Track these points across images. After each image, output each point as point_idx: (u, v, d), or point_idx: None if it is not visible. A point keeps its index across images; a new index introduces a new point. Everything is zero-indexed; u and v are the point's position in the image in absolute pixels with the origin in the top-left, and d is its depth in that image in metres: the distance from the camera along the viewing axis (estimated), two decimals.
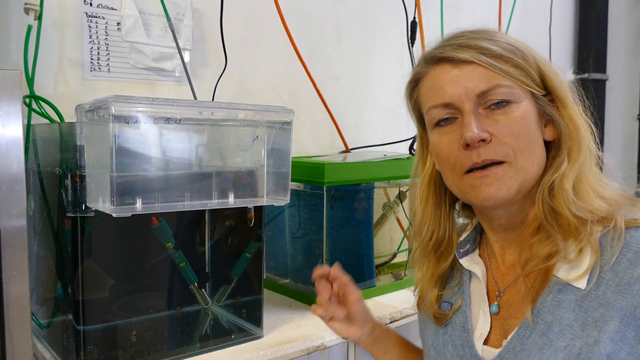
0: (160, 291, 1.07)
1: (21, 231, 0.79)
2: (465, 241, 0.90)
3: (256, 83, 1.60)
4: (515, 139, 0.76)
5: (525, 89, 0.77)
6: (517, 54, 0.77)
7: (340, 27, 1.81)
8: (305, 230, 1.40)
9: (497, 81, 0.76)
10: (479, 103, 0.77)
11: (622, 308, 0.68)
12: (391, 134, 1.90)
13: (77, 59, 1.26)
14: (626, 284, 0.69)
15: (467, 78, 0.77)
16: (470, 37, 0.79)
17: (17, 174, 0.78)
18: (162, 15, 1.33)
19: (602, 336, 0.69)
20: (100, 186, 0.84)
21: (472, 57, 0.77)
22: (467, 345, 0.83)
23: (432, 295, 0.90)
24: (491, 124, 0.76)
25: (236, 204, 0.98)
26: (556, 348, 0.72)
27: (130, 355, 1.01)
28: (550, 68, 0.80)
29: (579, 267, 0.73)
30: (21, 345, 0.80)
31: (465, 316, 0.86)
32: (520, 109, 0.76)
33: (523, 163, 0.76)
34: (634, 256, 0.70)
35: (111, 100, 0.78)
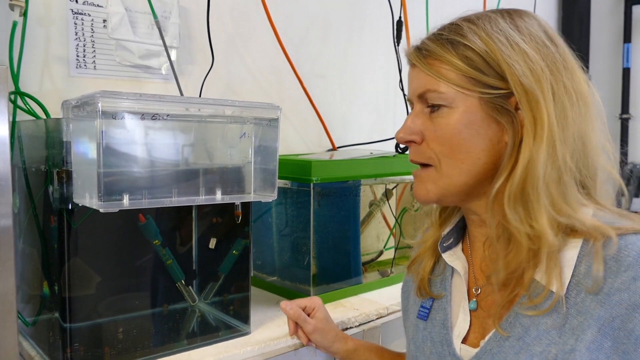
0: (147, 288, 1.07)
1: (7, 228, 0.79)
2: (448, 235, 0.89)
3: (243, 81, 1.60)
4: (439, 144, 0.77)
5: (466, 93, 0.74)
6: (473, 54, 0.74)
7: (327, 26, 1.82)
8: (292, 227, 1.40)
9: (429, 86, 0.76)
10: (423, 104, 0.79)
11: (600, 317, 0.68)
12: (377, 133, 1.91)
13: (62, 56, 1.26)
14: (606, 294, 0.68)
15: (414, 79, 0.80)
16: (435, 34, 0.79)
17: (3, 172, 0.78)
18: (149, 13, 1.33)
19: (579, 344, 0.68)
20: (87, 182, 0.84)
21: (414, 60, 0.79)
22: (445, 343, 0.83)
23: (426, 265, 0.90)
24: (426, 126, 0.78)
25: (224, 200, 0.98)
26: (532, 353, 0.71)
27: (117, 352, 1.00)
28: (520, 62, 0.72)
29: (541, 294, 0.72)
30: (7, 342, 0.80)
31: (445, 313, 0.85)
32: (451, 114, 0.75)
33: (446, 169, 0.77)
34: (615, 265, 0.68)
35: (98, 96, 0.78)
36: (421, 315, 0.89)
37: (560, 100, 0.73)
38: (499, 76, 0.73)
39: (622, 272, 0.67)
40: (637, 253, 0.67)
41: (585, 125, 0.75)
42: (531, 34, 0.75)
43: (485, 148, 0.75)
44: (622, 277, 0.67)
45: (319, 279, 1.36)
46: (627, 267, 0.67)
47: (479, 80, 0.74)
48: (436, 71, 0.75)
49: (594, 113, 0.76)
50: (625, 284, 0.66)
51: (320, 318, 1.08)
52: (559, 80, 0.73)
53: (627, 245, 0.68)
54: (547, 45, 0.75)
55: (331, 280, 1.39)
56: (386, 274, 1.55)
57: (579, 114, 0.74)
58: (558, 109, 0.72)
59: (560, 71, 0.74)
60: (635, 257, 0.67)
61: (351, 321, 1.23)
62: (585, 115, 0.75)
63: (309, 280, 1.33)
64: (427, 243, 0.91)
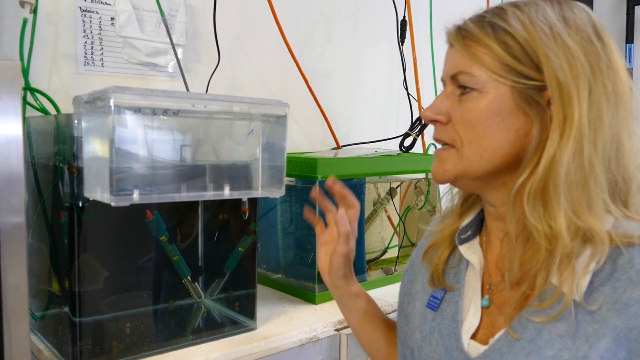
0: (154, 284, 1.08)
1: (20, 224, 0.79)
2: (466, 227, 0.86)
3: (248, 79, 1.61)
4: (464, 127, 0.75)
5: (499, 79, 0.72)
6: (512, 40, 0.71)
7: (331, 25, 1.83)
8: (297, 225, 1.41)
9: (463, 67, 0.74)
10: (454, 85, 0.77)
11: (616, 327, 0.66)
12: (381, 132, 1.92)
13: (71, 53, 1.27)
14: (624, 304, 0.66)
15: (449, 59, 0.78)
16: (479, 15, 0.76)
17: (16, 168, 0.79)
18: (156, 11, 1.34)
19: (592, 352, 0.67)
20: (98, 177, 0.85)
21: (452, 39, 0.76)
22: (453, 337, 0.81)
23: (442, 254, 0.87)
24: (454, 108, 0.76)
25: (232, 196, 0.99)
26: (543, 356, 0.69)
27: (125, 346, 1.01)
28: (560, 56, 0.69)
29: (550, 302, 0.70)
30: (19, 334, 0.80)
31: (456, 306, 0.83)
32: (480, 99, 0.73)
33: (468, 154, 0.75)
34: (635, 275, 0.66)
35: (110, 91, 0.79)
36: (431, 305, 0.87)
37: (596, 100, 0.69)
38: (535, 67, 0.70)
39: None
40: None
41: (622, 129, 0.71)
42: (578, 27, 0.72)
43: (510, 139, 0.73)
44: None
45: None
46: None
47: (514, 68, 0.71)
48: (472, 53, 0.73)
49: (632, 118, 0.73)
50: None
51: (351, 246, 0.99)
52: (599, 79, 0.70)
53: None
54: (593, 42, 0.71)
55: None
56: (390, 272, 1.56)
57: (615, 117, 0.70)
58: (593, 109, 0.69)
59: (602, 70, 0.70)
60: None
61: None
62: (623, 119, 0.71)
63: (314, 278, 1.34)
64: (445, 231, 0.88)
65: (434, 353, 0.83)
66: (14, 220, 0.79)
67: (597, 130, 0.69)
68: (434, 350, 0.83)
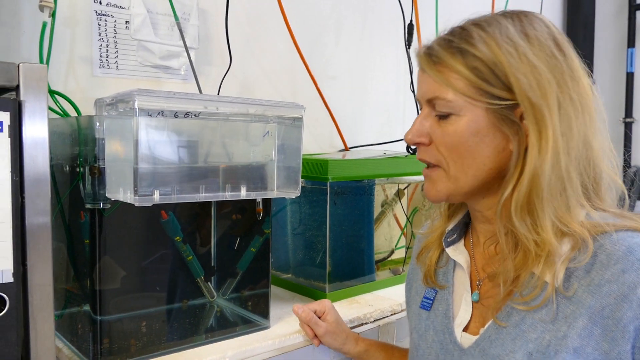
0: (168, 284, 1.10)
1: (46, 224, 0.81)
2: (452, 230, 0.93)
3: (259, 81, 1.63)
4: (447, 149, 0.80)
5: (473, 102, 0.76)
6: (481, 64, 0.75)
7: (340, 28, 1.85)
8: (307, 226, 1.43)
9: (438, 93, 0.78)
10: (431, 107, 0.81)
11: (591, 307, 0.72)
12: (388, 134, 1.94)
13: (86, 56, 1.29)
14: (596, 285, 0.73)
15: (423, 83, 0.82)
16: (446, 39, 0.80)
17: (43, 170, 0.80)
18: (169, 15, 1.36)
19: (571, 331, 0.73)
20: (121, 178, 0.87)
21: (425, 65, 0.80)
22: (447, 332, 0.88)
23: (433, 255, 0.94)
24: (434, 130, 0.81)
25: (249, 197, 1.01)
26: (527, 339, 0.76)
27: (143, 344, 1.03)
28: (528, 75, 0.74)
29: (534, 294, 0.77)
30: (44, 332, 0.82)
31: (447, 304, 0.90)
32: (458, 122, 0.78)
33: (454, 172, 0.80)
34: (605, 259, 0.73)
35: (135, 94, 0.81)
36: (424, 305, 0.94)
37: (565, 112, 0.75)
38: (506, 88, 0.75)
39: (612, 265, 0.72)
40: (626, 248, 0.73)
41: (589, 133, 0.77)
42: (540, 43, 0.76)
43: (490, 155, 0.78)
44: (612, 269, 0.72)
45: (334, 276, 1.38)
46: (616, 261, 0.72)
47: (486, 91, 0.76)
48: (445, 79, 0.77)
49: (597, 120, 0.79)
50: (615, 276, 0.72)
51: (331, 321, 1.11)
52: (565, 92, 0.75)
53: (618, 241, 0.74)
54: (556, 56, 0.76)
55: (345, 277, 1.42)
56: (398, 272, 1.58)
57: (583, 123, 0.76)
58: (563, 121, 0.75)
59: (567, 83, 0.76)
60: (625, 252, 0.72)
61: (367, 317, 1.26)
62: (590, 123, 0.77)
63: (324, 278, 1.36)
64: (435, 234, 0.96)
65: (430, 349, 0.90)
66: (40, 221, 0.81)
67: (569, 139, 0.75)
68: (430, 347, 0.90)
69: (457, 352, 0.85)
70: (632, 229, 0.75)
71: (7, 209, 0.77)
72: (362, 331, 1.21)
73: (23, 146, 0.78)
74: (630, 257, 0.72)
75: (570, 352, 0.72)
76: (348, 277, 1.43)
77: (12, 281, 0.77)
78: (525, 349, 0.76)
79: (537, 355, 0.75)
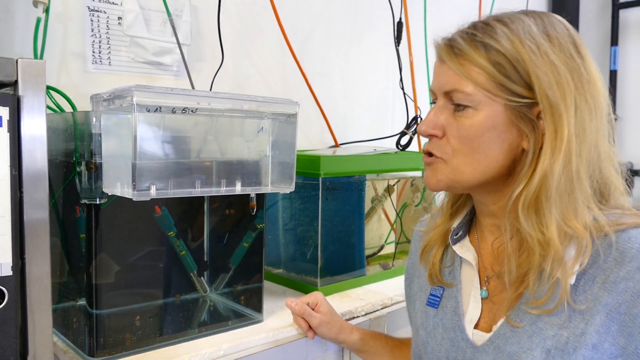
0: (161, 278, 1.11)
1: (44, 218, 0.82)
2: (458, 227, 0.93)
3: (250, 78, 1.64)
4: (458, 142, 0.79)
5: (492, 97, 0.77)
6: (504, 60, 0.76)
7: (331, 26, 1.86)
8: (298, 221, 1.44)
9: (457, 85, 0.78)
10: (447, 100, 0.81)
11: (607, 304, 0.74)
12: (378, 130, 1.97)
13: (79, 52, 1.29)
14: (612, 282, 0.74)
15: (441, 75, 0.81)
16: (468, 32, 0.79)
17: (41, 165, 0.81)
18: (162, 11, 1.37)
19: (589, 328, 0.74)
20: (119, 172, 0.88)
21: (446, 56, 0.80)
22: (458, 329, 0.87)
23: (436, 253, 0.94)
24: (448, 122, 0.80)
25: (244, 192, 1.03)
26: (545, 336, 0.76)
27: (138, 338, 1.04)
28: (548, 74, 0.75)
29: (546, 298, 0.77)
30: (42, 325, 0.83)
31: (456, 301, 0.89)
32: (475, 116, 0.78)
33: (457, 164, 0.80)
34: (619, 256, 0.74)
35: (134, 90, 0.82)
36: (431, 302, 0.93)
37: (580, 114, 0.76)
38: (526, 85, 0.76)
39: (627, 263, 0.73)
40: (639, 245, 0.74)
41: (599, 136, 0.78)
42: (560, 44, 0.77)
43: (504, 152, 0.79)
44: (627, 267, 0.73)
45: (325, 270, 1.40)
46: (631, 258, 0.73)
47: (507, 87, 0.76)
48: (466, 72, 0.77)
49: (607, 125, 0.79)
50: (630, 273, 0.73)
51: (324, 312, 1.12)
52: (582, 94, 0.76)
53: (630, 239, 0.75)
54: (574, 58, 0.77)
55: (337, 272, 1.44)
56: (388, 267, 1.60)
57: (595, 127, 0.77)
58: (578, 122, 0.75)
59: (584, 85, 0.76)
60: (638, 249, 0.74)
61: (358, 310, 1.28)
62: (600, 127, 0.78)
63: (316, 272, 1.38)
64: (437, 231, 0.95)
65: (440, 347, 0.89)
66: (38, 215, 0.81)
67: (582, 142, 0.76)
68: (440, 344, 0.89)
69: (469, 349, 0.84)
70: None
71: (6, 203, 0.77)
72: (354, 324, 1.23)
73: (22, 141, 0.79)
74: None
75: (589, 348, 0.73)
76: (339, 271, 1.45)
77: (10, 274, 0.78)
78: (543, 346, 0.76)
79: (555, 352, 0.75)
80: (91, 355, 0.97)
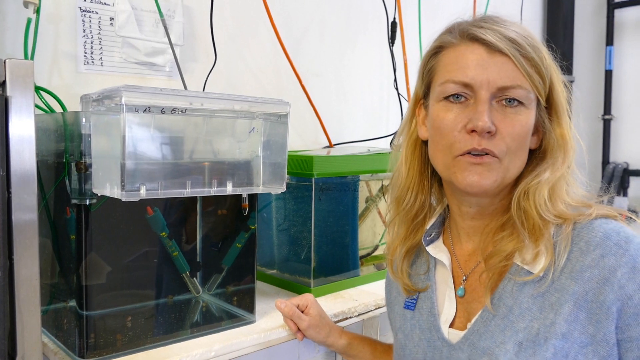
0: (153, 279, 1.10)
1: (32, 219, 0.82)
2: (431, 229, 0.94)
3: (243, 78, 1.64)
4: (512, 140, 0.80)
5: (537, 97, 0.81)
6: (542, 60, 0.81)
7: (324, 26, 1.86)
8: (292, 221, 1.44)
9: (520, 82, 0.79)
10: (495, 95, 0.79)
11: (575, 293, 0.76)
12: (371, 131, 1.97)
13: (71, 53, 1.29)
14: (578, 271, 0.76)
15: (496, 68, 0.78)
16: (508, 27, 0.80)
17: (29, 166, 0.81)
18: (154, 12, 1.36)
19: (558, 318, 0.76)
20: (108, 173, 0.87)
21: (507, 50, 0.78)
22: (434, 329, 0.89)
23: (402, 266, 0.95)
24: (499, 119, 0.79)
25: (235, 192, 1.02)
26: (516, 329, 0.78)
27: (129, 339, 1.04)
28: (560, 79, 0.83)
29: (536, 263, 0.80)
30: (30, 325, 0.83)
31: (432, 302, 0.91)
32: (526, 113, 0.81)
33: (507, 163, 0.81)
34: (584, 245, 0.77)
35: (122, 90, 0.82)
36: (408, 305, 0.95)
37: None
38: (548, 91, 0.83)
39: (591, 251, 0.77)
40: (603, 234, 0.77)
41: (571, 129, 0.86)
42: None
43: (528, 148, 0.84)
44: (591, 255, 0.76)
45: (319, 271, 1.40)
46: (595, 247, 0.77)
47: (542, 90, 0.82)
48: (528, 70, 0.79)
49: None
50: (595, 261, 0.76)
51: (314, 314, 1.12)
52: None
53: (594, 228, 0.78)
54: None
55: (330, 272, 1.44)
56: (382, 267, 1.60)
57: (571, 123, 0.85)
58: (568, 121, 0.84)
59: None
60: (602, 238, 0.77)
61: (351, 311, 1.27)
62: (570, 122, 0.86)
63: (309, 273, 1.37)
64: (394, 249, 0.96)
65: (417, 348, 0.91)
66: (27, 216, 0.81)
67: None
68: (417, 345, 0.91)
69: (445, 348, 0.86)
70: (605, 216, 0.80)
71: None
72: (346, 325, 1.23)
73: (10, 142, 0.78)
74: (608, 242, 0.76)
75: (559, 338, 0.75)
76: (333, 272, 1.44)
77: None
78: (515, 339, 0.78)
79: (527, 344, 0.77)
80: (81, 356, 0.97)
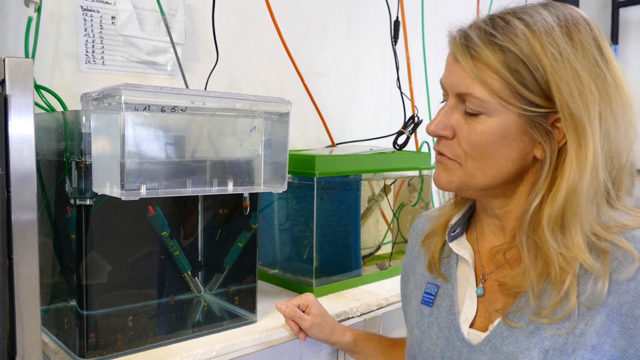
0: (155, 279, 1.10)
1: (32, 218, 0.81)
2: (455, 224, 0.91)
3: (246, 77, 1.63)
4: (470, 146, 0.77)
5: (507, 106, 0.73)
6: (522, 67, 0.72)
7: (326, 25, 1.85)
8: (294, 221, 1.44)
9: (471, 89, 0.75)
10: (459, 100, 0.77)
11: (609, 305, 0.72)
12: (374, 130, 1.96)
13: (72, 52, 1.28)
14: (614, 283, 0.72)
15: (454, 74, 0.77)
16: (487, 32, 0.74)
17: (29, 165, 0.80)
18: (156, 10, 1.36)
19: (589, 329, 0.72)
20: (108, 172, 0.87)
21: (461, 56, 0.75)
22: (453, 328, 0.85)
23: (437, 241, 0.92)
24: (459, 125, 0.78)
25: (236, 191, 1.02)
26: (543, 336, 0.75)
27: (129, 339, 1.03)
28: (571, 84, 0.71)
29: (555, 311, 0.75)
30: (30, 325, 0.82)
31: (452, 299, 0.88)
32: (487, 122, 0.75)
33: (471, 169, 0.78)
34: (622, 256, 0.73)
35: (122, 89, 0.82)
36: (425, 301, 0.92)
37: (605, 124, 0.72)
38: (544, 95, 0.72)
39: (630, 264, 0.72)
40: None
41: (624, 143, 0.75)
42: (584, 49, 0.73)
43: (514, 159, 0.76)
44: (629, 268, 0.72)
45: (321, 271, 1.39)
46: (634, 259, 0.72)
47: (523, 96, 0.72)
48: (482, 76, 0.73)
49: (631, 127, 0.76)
50: (633, 274, 0.72)
51: (315, 313, 1.11)
52: (607, 102, 0.72)
53: (634, 238, 0.73)
54: (599, 64, 0.73)
55: (332, 272, 1.43)
56: (384, 267, 1.59)
57: (620, 134, 0.74)
58: (602, 133, 0.72)
59: (609, 93, 0.73)
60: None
61: (353, 311, 1.27)
62: (625, 134, 0.75)
63: (311, 273, 1.37)
64: (442, 219, 0.93)
65: (435, 346, 0.87)
66: (26, 215, 0.81)
67: (607, 152, 0.73)
68: (435, 344, 0.87)
69: (465, 349, 0.83)
70: None
71: None
72: (349, 325, 1.22)
73: (9, 141, 0.78)
74: None
75: (589, 350, 0.72)
76: (335, 272, 1.44)
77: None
78: (541, 346, 0.74)
79: (553, 352, 0.73)
80: (82, 356, 0.97)
